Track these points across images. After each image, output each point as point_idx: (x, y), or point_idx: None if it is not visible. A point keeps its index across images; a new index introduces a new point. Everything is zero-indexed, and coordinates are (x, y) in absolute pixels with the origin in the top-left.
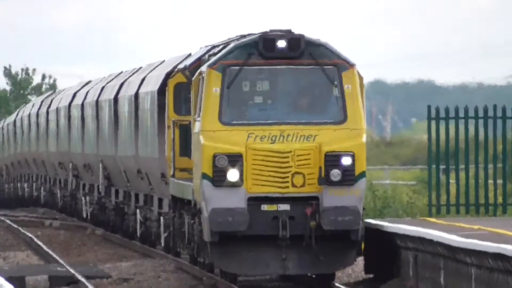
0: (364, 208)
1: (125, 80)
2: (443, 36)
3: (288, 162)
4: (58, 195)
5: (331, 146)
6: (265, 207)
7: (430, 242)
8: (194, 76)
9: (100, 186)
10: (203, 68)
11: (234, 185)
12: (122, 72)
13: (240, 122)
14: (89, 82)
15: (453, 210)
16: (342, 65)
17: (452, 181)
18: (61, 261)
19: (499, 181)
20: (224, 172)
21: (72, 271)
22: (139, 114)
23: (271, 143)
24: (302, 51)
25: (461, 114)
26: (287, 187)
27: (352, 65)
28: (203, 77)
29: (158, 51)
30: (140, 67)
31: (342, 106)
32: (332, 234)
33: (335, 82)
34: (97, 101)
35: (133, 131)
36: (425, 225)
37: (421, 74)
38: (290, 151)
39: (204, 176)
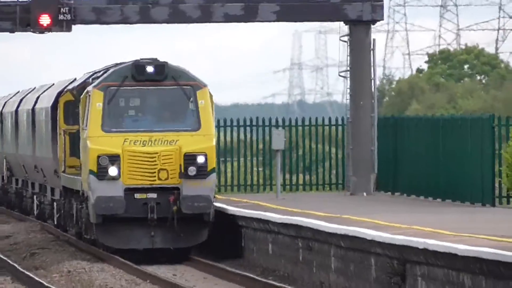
0: (214, 196)
1: (23, 97)
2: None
3: (155, 160)
4: None
5: (189, 148)
6: (137, 195)
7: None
8: (82, 95)
9: (4, 176)
10: (89, 88)
11: (113, 178)
12: (19, 91)
13: (118, 130)
14: None
15: (229, 189)
16: (197, 85)
17: (229, 169)
18: None
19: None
20: (106, 168)
21: None
22: (35, 124)
23: (142, 146)
24: (166, 74)
25: (235, 123)
26: (155, 180)
27: (205, 85)
28: (89, 95)
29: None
30: (35, 87)
31: (197, 117)
32: (189, 216)
33: (191, 99)
34: (1, 113)
35: (30, 136)
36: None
37: None
38: (157, 152)
39: (91, 172)
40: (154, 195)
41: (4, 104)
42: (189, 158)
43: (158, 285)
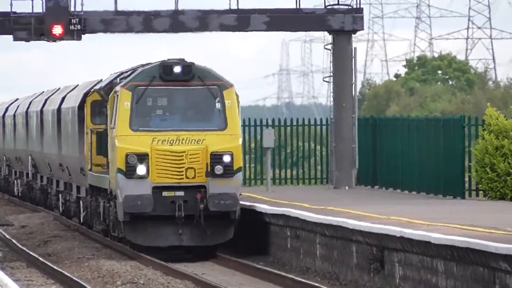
0: (240, 194)
1: (48, 97)
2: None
3: (182, 159)
4: None
5: (215, 147)
6: (165, 193)
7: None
8: (110, 94)
9: (29, 173)
10: (118, 88)
11: (142, 177)
12: (43, 91)
13: (146, 129)
14: (17, 99)
15: None
16: (223, 85)
17: None
18: None
19: None
20: (134, 167)
21: None
22: (61, 123)
23: (169, 145)
24: (193, 74)
25: None
26: (182, 178)
27: (231, 85)
28: (117, 95)
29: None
30: (59, 88)
31: (224, 117)
32: (216, 214)
33: (218, 99)
34: (26, 112)
35: (56, 135)
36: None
37: None
38: (184, 151)
39: (119, 170)
40: (181, 193)
41: (30, 104)
42: (216, 157)
43: (160, 270)
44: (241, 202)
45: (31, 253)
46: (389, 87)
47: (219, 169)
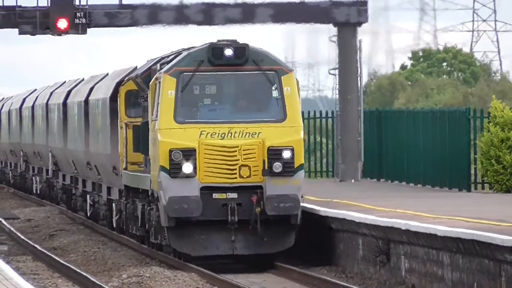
0: (302, 196)
1: (72, 89)
2: None
3: (235, 156)
4: (10, 174)
5: (273, 142)
6: (215, 195)
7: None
8: (151, 82)
9: (49, 170)
10: (159, 74)
11: (188, 176)
12: (65, 81)
13: (193, 121)
14: (35, 90)
15: None
16: (282, 70)
17: None
18: None
19: None
20: (180, 165)
21: None
22: (89, 117)
23: (220, 139)
24: (246, 58)
25: None
26: (235, 177)
27: (290, 70)
28: (159, 82)
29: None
30: (83, 79)
31: (282, 106)
32: (274, 218)
33: (276, 85)
34: (47, 104)
35: (83, 130)
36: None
37: None
38: (237, 146)
39: (162, 168)
40: (234, 195)
41: (50, 95)
42: (274, 153)
43: (166, 263)
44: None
45: (37, 246)
46: (393, 79)
47: (277, 166)
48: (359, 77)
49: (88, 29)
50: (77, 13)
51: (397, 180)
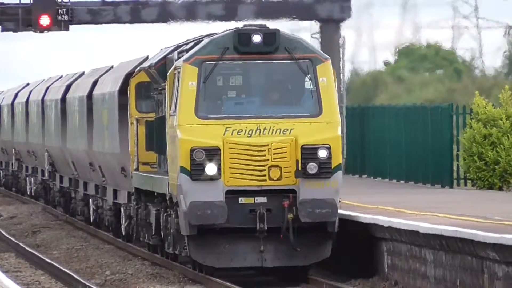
0: (340, 200)
1: (71, 83)
2: None
3: (265, 155)
4: (0, 173)
5: (307, 139)
6: (242, 200)
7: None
8: (169, 72)
9: (45, 171)
10: (179, 63)
11: (212, 178)
12: (62, 76)
13: (217, 116)
14: (28, 84)
15: None
16: (317, 59)
17: None
18: None
19: None
20: (202, 165)
21: None
22: (93, 113)
23: (248, 136)
24: (277, 45)
25: None
26: (264, 180)
27: (326, 59)
28: (178, 72)
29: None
30: (83, 72)
31: (317, 99)
32: (309, 226)
33: (310, 76)
34: (42, 100)
35: (85, 128)
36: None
37: None
38: (267, 145)
39: (182, 169)
40: (263, 200)
41: (46, 90)
42: (308, 152)
43: (148, 261)
44: None
45: (20, 243)
46: (375, 76)
47: (312, 167)
48: (341, 74)
49: (70, 25)
50: (59, 10)
51: (380, 177)
